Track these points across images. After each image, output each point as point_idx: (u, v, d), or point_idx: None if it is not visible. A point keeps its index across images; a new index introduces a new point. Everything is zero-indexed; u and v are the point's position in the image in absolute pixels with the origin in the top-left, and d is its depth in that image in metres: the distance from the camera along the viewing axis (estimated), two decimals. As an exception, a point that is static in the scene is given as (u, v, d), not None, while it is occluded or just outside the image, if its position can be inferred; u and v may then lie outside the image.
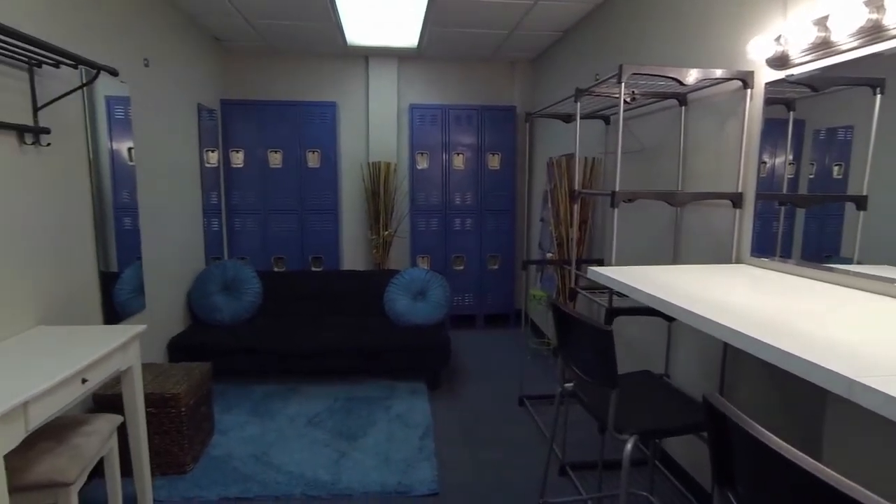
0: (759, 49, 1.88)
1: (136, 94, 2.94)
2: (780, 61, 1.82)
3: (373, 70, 4.78)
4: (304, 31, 4.01)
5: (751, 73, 1.96)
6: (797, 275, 1.77)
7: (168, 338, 3.42)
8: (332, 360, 3.49)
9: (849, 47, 1.55)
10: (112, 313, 2.63)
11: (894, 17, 1.41)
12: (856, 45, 1.53)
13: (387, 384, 3.55)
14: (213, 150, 4.23)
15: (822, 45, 1.64)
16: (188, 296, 3.77)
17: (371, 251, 4.86)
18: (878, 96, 1.47)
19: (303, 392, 3.41)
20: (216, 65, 4.39)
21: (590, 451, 2.67)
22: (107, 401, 2.33)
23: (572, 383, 1.79)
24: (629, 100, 2.57)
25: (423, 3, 3.41)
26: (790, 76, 1.79)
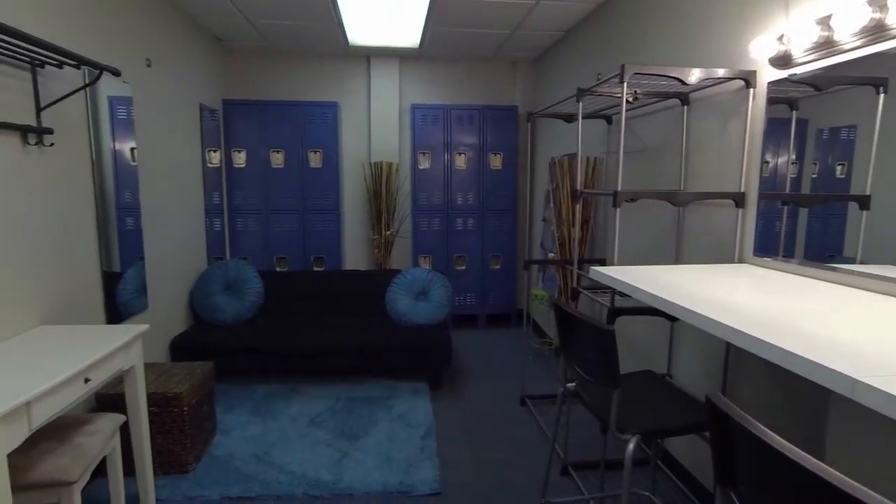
0: (761, 48, 1.88)
1: (138, 94, 2.94)
2: (782, 61, 1.82)
3: (374, 70, 4.78)
4: (305, 31, 4.01)
5: (753, 73, 1.96)
6: (800, 274, 1.77)
7: (170, 337, 3.43)
8: (334, 359, 3.49)
9: (851, 47, 1.55)
10: (114, 313, 2.64)
11: (897, 16, 1.40)
12: (859, 44, 1.52)
13: (388, 384, 3.55)
14: (215, 150, 4.24)
15: (825, 45, 1.63)
16: (190, 296, 3.78)
17: (373, 251, 4.87)
18: (882, 96, 1.47)
19: (304, 392, 3.41)
20: (218, 65, 4.40)
21: (592, 450, 2.67)
22: (109, 400, 2.34)
23: (574, 383, 1.79)
24: (631, 99, 2.57)
25: (424, 3, 3.41)
26: (793, 75, 1.79)
